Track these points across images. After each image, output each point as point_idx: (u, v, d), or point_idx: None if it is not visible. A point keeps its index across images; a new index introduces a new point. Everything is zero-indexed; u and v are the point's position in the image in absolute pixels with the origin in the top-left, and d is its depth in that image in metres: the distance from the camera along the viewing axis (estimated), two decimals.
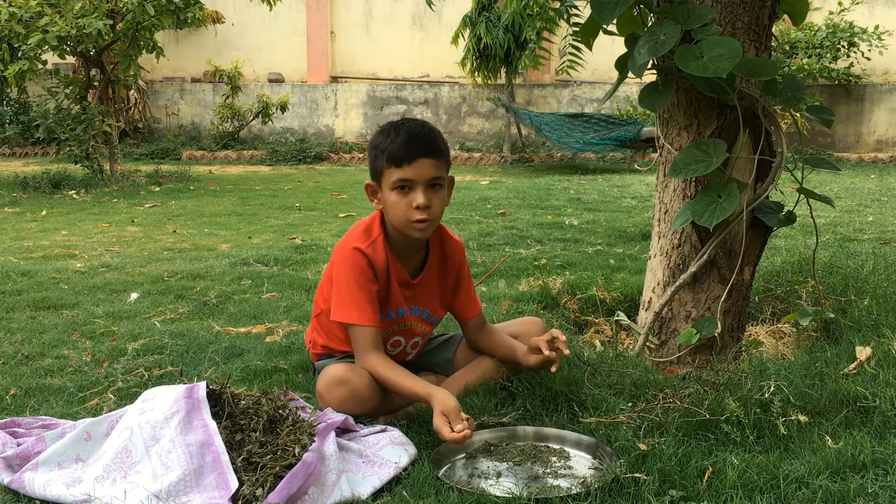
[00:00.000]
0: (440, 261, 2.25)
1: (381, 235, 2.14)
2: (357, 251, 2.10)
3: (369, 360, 2.07)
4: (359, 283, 2.08)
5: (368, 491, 1.73)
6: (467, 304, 2.30)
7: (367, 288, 2.09)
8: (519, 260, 4.19)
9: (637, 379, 2.20)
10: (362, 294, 2.08)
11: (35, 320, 3.16)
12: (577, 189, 7.62)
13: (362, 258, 2.09)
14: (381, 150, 2.07)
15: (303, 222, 5.94)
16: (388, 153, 2.05)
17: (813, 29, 11.25)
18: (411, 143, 2.04)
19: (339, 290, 2.11)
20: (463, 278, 2.29)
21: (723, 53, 2.08)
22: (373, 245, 2.12)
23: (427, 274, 2.23)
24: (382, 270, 2.13)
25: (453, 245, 2.28)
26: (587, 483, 1.74)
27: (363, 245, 2.11)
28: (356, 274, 2.09)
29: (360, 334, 2.09)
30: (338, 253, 2.15)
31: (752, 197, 2.40)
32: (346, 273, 2.10)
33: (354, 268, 2.09)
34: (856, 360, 2.25)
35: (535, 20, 4.31)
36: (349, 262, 2.10)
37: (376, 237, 2.14)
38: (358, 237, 2.14)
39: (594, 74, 12.11)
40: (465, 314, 2.29)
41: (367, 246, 2.11)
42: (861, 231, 4.99)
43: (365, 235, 2.14)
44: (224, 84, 12.51)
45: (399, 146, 2.04)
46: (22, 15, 7.51)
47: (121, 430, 1.77)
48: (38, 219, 6.20)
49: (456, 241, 2.30)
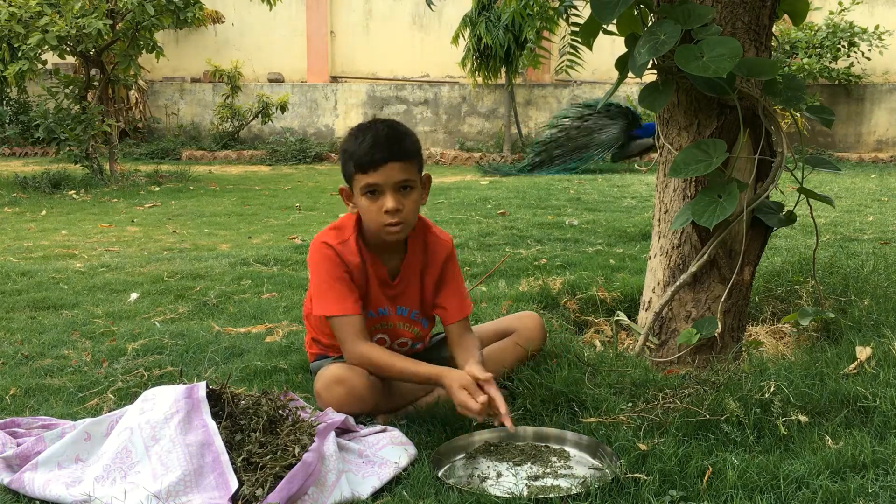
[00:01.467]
0: (421, 259, 2.21)
1: (355, 235, 2.13)
2: (324, 244, 2.10)
3: (360, 348, 2.04)
4: (330, 273, 2.08)
5: (368, 491, 1.73)
6: (448, 306, 2.20)
7: (340, 276, 2.08)
8: (519, 260, 4.19)
9: (637, 379, 2.20)
10: (337, 283, 2.07)
11: (35, 320, 3.16)
12: (577, 189, 7.62)
13: (329, 250, 2.09)
14: (349, 155, 2.05)
15: (303, 222, 5.94)
16: (356, 158, 2.03)
17: (813, 29, 11.24)
18: (377, 148, 2.01)
19: (316, 286, 2.12)
20: (447, 279, 2.23)
21: (723, 53, 2.08)
22: (344, 244, 2.11)
23: (406, 273, 2.20)
24: (359, 269, 2.12)
25: (438, 243, 2.23)
26: (587, 483, 1.74)
27: (332, 241, 2.11)
28: (326, 265, 2.09)
29: (343, 324, 2.06)
30: (310, 251, 2.16)
31: (752, 197, 2.40)
32: (316, 266, 2.11)
33: (324, 259, 2.09)
34: (856, 360, 2.25)
35: (534, 20, 4.31)
36: (318, 254, 2.11)
37: (348, 237, 2.13)
38: (325, 234, 2.15)
39: (594, 74, 12.11)
40: (445, 317, 2.20)
41: (337, 243, 2.11)
42: (861, 231, 4.99)
43: (335, 233, 2.14)
44: (224, 84, 12.51)
45: (365, 151, 2.02)
46: (22, 15, 7.50)
47: (120, 431, 1.77)
48: (37, 219, 6.20)
49: (442, 239, 2.24)
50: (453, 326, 2.20)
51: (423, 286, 2.23)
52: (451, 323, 2.20)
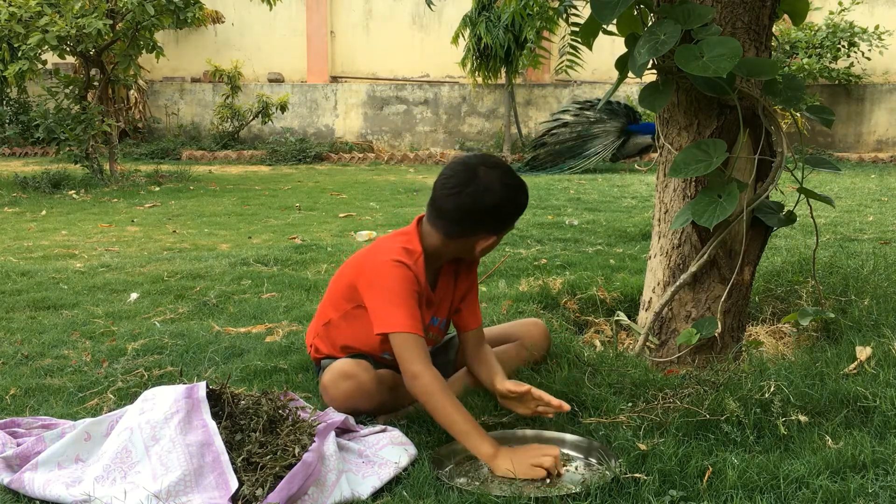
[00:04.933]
0: (454, 269, 2.24)
1: (422, 256, 2.10)
2: (403, 264, 2.04)
3: (427, 374, 1.92)
4: (410, 294, 2.02)
5: (368, 491, 1.73)
6: (470, 314, 2.25)
7: (415, 296, 2.04)
8: (519, 260, 4.19)
9: (637, 379, 2.20)
10: (414, 304, 2.02)
11: (35, 320, 3.16)
12: (577, 189, 7.62)
13: (409, 271, 2.04)
14: (515, 209, 2.11)
15: (303, 222, 5.94)
16: (520, 212, 2.13)
17: (813, 29, 11.24)
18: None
19: (386, 303, 2.01)
20: (472, 289, 2.27)
21: (723, 53, 2.08)
22: (416, 265, 2.08)
23: (443, 286, 2.21)
24: (424, 289, 2.11)
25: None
26: (587, 483, 1.74)
27: (407, 261, 2.05)
28: (406, 284, 2.02)
29: (412, 342, 1.96)
30: (376, 267, 2.07)
31: (752, 197, 2.40)
32: (391, 284, 2.02)
33: (403, 279, 2.02)
34: (856, 360, 2.25)
35: (534, 20, 4.31)
36: (396, 273, 2.02)
37: (417, 258, 2.09)
38: (399, 253, 2.06)
39: (594, 74, 12.11)
40: (467, 325, 2.24)
41: (412, 263, 2.06)
42: (861, 231, 4.99)
43: (406, 254, 2.07)
44: (224, 84, 12.50)
45: (524, 204, 2.12)
46: (22, 15, 7.50)
47: (121, 431, 1.77)
48: (37, 219, 6.20)
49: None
50: (470, 334, 2.23)
51: (453, 298, 2.24)
52: (469, 330, 2.23)
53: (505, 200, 2.04)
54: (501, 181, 2.04)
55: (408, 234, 2.14)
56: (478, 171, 2.03)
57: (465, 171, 2.04)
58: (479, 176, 2.03)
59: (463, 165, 2.06)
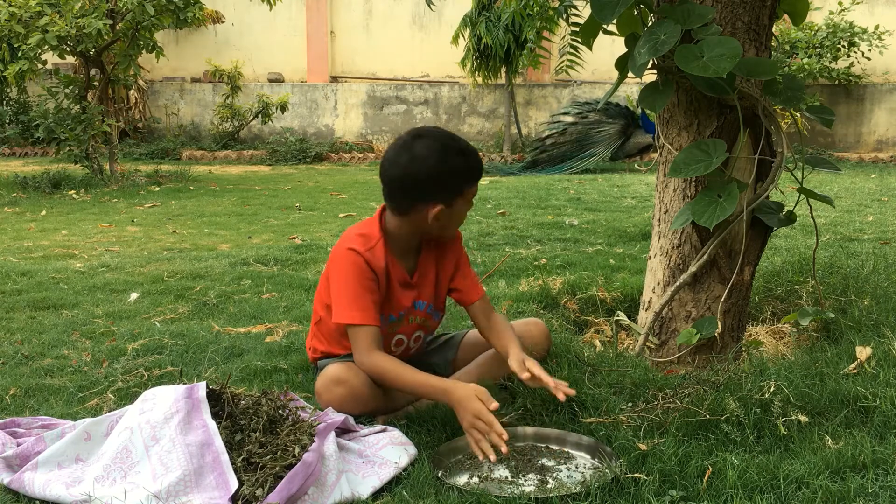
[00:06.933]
0: (434, 253, 2.25)
1: (382, 241, 2.14)
2: (353, 251, 2.09)
3: (373, 358, 2.04)
4: (359, 282, 2.08)
5: (368, 491, 1.73)
6: (467, 287, 2.26)
7: (368, 286, 2.08)
8: (519, 260, 4.19)
9: (637, 379, 2.20)
10: (363, 292, 2.07)
11: (35, 320, 3.16)
12: (577, 189, 7.62)
13: (359, 258, 2.08)
14: (464, 170, 2.10)
15: (303, 222, 5.94)
16: (472, 172, 2.12)
17: (813, 29, 11.25)
18: (479, 159, 2.15)
19: (338, 292, 2.10)
20: (462, 264, 2.28)
21: (723, 53, 2.08)
22: (371, 251, 2.11)
23: (423, 267, 2.23)
24: (383, 273, 2.13)
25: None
26: (587, 483, 1.74)
27: (359, 247, 2.10)
28: (355, 273, 2.08)
29: (361, 334, 2.06)
30: (334, 256, 2.15)
31: (752, 197, 2.40)
32: (343, 274, 2.09)
33: (353, 267, 2.08)
34: (856, 360, 2.25)
35: (534, 20, 4.31)
36: (346, 262, 2.09)
37: (375, 243, 2.13)
38: (353, 240, 2.13)
39: (594, 74, 12.11)
40: (469, 298, 2.26)
41: (364, 250, 2.10)
42: (861, 231, 4.99)
43: (362, 240, 2.13)
44: (224, 84, 12.51)
45: (476, 164, 2.12)
46: (22, 15, 7.50)
47: (121, 431, 1.77)
48: (37, 219, 6.20)
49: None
50: (476, 306, 2.24)
51: (438, 278, 2.26)
52: (472, 302, 2.25)
53: (439, 165, 2.05)
54: (432, 148, 2.06)
55: (370, 221, 2.19)
56: (412, 144, 2.07)
57: (402, 145, 2.09)
58: (412, 147, 2.07)
59: (400, 140, 2.11)
